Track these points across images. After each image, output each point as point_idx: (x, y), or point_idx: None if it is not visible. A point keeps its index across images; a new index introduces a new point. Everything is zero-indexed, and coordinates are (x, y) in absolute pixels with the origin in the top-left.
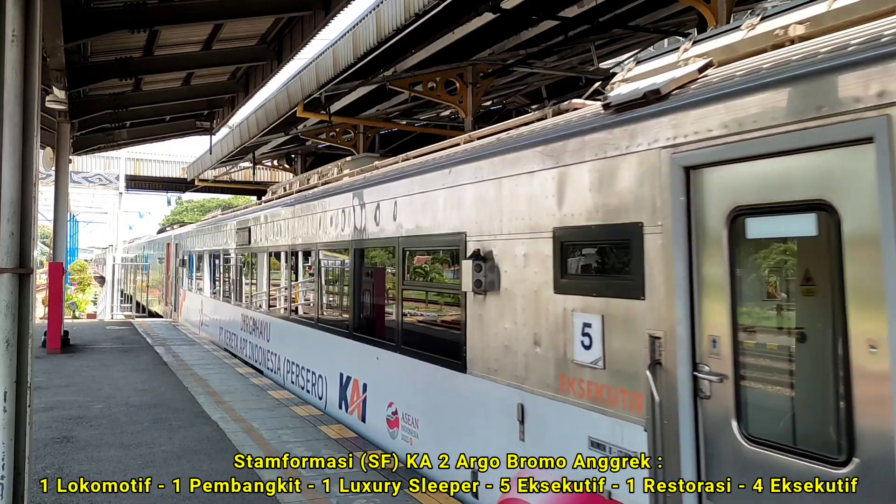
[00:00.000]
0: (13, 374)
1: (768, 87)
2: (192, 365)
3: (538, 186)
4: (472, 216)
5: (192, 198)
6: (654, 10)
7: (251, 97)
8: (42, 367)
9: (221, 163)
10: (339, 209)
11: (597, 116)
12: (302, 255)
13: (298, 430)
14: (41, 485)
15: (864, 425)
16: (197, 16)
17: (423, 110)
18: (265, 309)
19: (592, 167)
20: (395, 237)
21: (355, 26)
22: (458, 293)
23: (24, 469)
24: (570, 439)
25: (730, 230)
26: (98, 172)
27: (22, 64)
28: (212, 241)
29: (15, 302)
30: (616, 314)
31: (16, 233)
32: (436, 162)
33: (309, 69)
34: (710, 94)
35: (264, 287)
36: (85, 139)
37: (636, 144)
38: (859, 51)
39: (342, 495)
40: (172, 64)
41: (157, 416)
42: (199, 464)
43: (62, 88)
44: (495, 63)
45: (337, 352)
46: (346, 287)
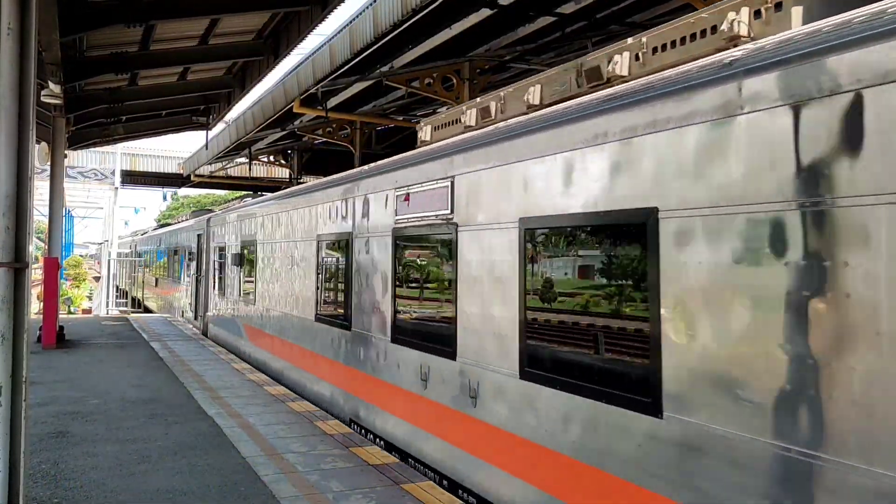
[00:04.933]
0: (8, 369)
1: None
2: (188, 361)
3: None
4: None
5: (187, 193)
6: (651, 7)
7: (247, 92)
8: (37, 363)
9: (217, 158)
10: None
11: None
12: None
13: (294, 425)
14: (37, 480)
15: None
16: (193, 10)
17: (420, 107)
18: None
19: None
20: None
21: (352, 21)
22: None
23: (19, 464)
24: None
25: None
26: (93, 167)
27: (17, 58)
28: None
29: (10, 297)
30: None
31: (11, 227)
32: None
33: (305, 65)
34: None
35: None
36: (80, 134)
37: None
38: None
39: (338, 492)
40: (168, 59)
41: (153, 411)
42: (196, 459)
43: (58, 83)
44: (492, 59)
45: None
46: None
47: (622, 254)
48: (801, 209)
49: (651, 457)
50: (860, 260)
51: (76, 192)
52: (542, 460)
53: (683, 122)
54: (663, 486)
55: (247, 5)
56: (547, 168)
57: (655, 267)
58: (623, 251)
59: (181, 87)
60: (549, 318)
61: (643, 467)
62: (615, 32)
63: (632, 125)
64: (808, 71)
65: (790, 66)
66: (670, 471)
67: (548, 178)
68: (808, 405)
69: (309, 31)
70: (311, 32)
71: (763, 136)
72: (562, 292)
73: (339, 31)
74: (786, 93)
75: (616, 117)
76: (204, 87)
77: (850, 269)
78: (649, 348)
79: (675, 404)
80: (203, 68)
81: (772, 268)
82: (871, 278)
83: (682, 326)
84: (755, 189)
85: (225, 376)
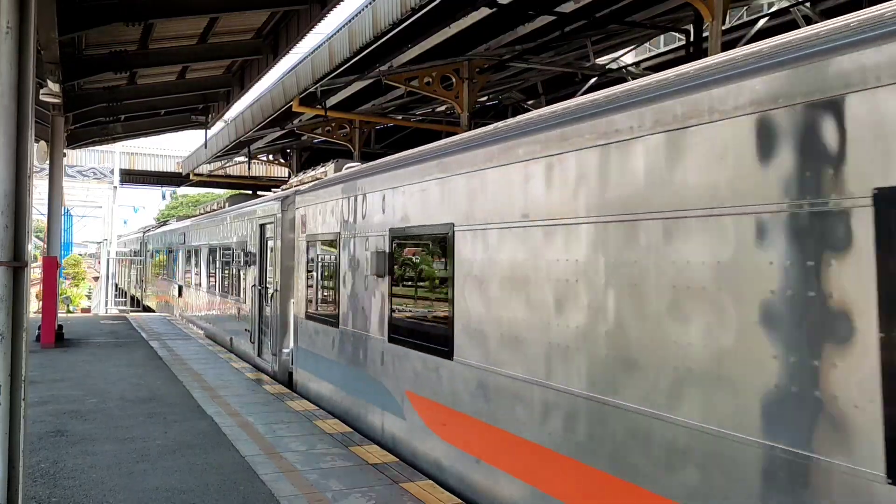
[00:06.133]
0: (7, 368)
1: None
2: (186, 360)
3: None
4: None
5: (186, 192)
6: (650, 6)
7: (247, 91)
8: (36, 362)
9: (216, 157)
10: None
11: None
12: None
13: (294, 424)
14: (36, 479)
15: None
16: (192, 9)
17: (419, 105)
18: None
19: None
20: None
21: (351, 20)
22: None
23: (18, 463)
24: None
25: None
26: (92, 166)
27: (16, 56)
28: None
29: (9, 295)
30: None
31: (10, 226)
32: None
33: (305, 63)
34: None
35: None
36: (79, 133)
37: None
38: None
39: (337, 490)
40: (167, 57)
41: (152, 410)
42: (194, 458)
43: (56, 81)
44: (492, 58)
45: None
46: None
47: (438, 252)
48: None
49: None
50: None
51: (75, 190)
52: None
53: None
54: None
55: (246, 4)
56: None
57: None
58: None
59: (180, 85)
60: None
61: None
62: (614, 31)
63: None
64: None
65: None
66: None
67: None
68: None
69: (308, 30)
70: (310, 31)
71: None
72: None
73: (339, 30)
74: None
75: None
76: (203, 86)
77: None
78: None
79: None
80: (202, 67)
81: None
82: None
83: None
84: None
85: (224, 375)
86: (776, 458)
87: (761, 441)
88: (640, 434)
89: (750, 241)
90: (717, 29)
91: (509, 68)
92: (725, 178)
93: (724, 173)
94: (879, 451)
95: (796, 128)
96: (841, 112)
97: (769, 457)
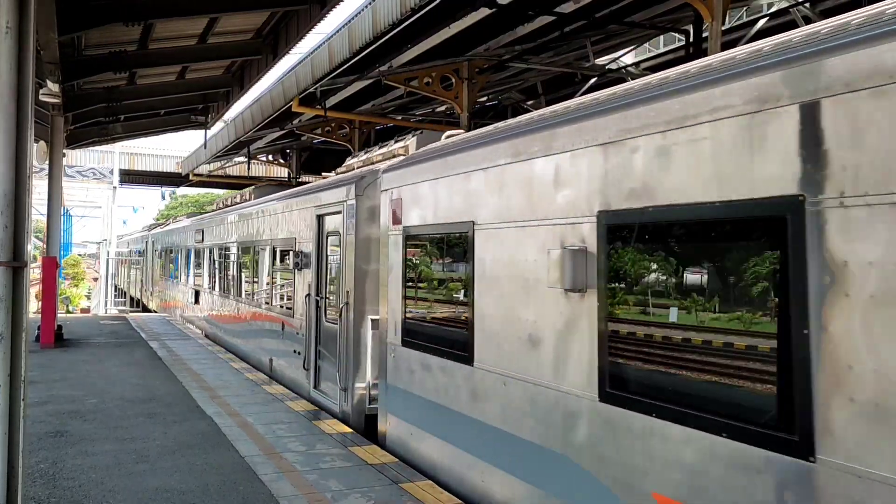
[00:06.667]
0: (7, 368)
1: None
2: (186, 360)
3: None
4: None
5: (186, 192)
6: (650, 6)
7: (246, 91)
8: (36, 362)
9: (216, 157)
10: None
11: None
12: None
13: (293, 424)
14: (35, 479)
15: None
16: (192, 9)
17: (419, 106)
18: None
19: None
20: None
21: (351, 21)
22: None
23: (17, 463)
24: None
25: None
26: (92, 166)
27: (16, 56)
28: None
29: (9, 295)
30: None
31: (9, 226)
32: None
33: (304, 64)
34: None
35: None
36: (79, 133)
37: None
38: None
39: (337, 491)
40: (167, 58)
41: (152, 410)
42: (194, 458)
43: (56, 81)
44: (491, 59)
45: None
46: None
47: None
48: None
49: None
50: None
51: (75, 191)
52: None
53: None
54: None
55: (246, 4)
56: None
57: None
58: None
59: (180, 86)
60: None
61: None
62: (614, 32)
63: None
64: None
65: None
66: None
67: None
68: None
69: (308, 31)
70: (309, 32)
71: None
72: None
73: (338, 31)
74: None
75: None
76: (203, 87)
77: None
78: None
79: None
80: (202, 67)
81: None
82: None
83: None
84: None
85: (223, 375)
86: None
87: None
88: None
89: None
90: (716, 29)
91: (509, 68)
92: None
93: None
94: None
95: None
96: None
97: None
